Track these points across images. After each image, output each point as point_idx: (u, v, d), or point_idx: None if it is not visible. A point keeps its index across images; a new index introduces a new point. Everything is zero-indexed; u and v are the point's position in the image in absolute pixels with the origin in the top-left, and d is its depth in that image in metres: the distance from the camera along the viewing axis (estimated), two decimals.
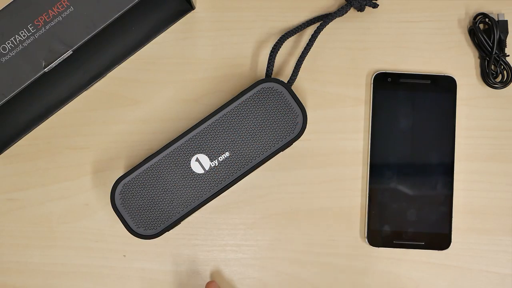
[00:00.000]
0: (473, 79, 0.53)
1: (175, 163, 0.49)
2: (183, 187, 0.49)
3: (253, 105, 0.49)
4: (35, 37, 0.44)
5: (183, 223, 0.49)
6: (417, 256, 0.52)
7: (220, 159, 0.49)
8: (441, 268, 0.52)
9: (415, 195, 0.51)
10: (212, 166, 0.49)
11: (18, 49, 0.44)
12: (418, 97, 0.52)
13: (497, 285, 0.51)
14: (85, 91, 0.53)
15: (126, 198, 0.49)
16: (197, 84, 0.53)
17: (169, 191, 0.49)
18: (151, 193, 0.49)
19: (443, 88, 0.52)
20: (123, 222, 0.48)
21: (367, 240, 0.51)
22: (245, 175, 0.49)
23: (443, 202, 0.51)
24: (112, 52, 0.52)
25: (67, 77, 0.52)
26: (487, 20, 0.52)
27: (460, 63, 0.53)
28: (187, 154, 0.49)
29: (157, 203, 0.49)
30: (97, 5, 0.45)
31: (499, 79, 0.52)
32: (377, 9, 0.53)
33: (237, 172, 0.49)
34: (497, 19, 0.52)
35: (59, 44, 0.44)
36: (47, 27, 0.45)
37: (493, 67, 0.52)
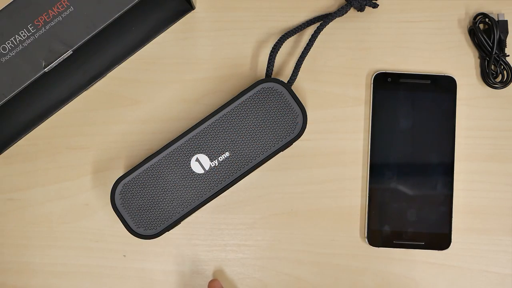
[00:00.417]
0: (473, 79, 0.53)
1: (175, 163, 0.49)
2: (183, 187, 0.49)
3: (253, 105, 0.49)
4: (35, 37, 0.44)
5: (183, 223, 0.49)
6: (417, 256, 0.52)
7: (220, 159, 0.49)
8: (441, 268, 0.52)
9: (415, 195, 0.51)
10: (212, 166, 0.49)
11: (18, 49, 0.44)
12: (418, 97, 0.52)
13: (497, 285, 0.51)
14: (85, 91, 0.53)
15: (126, 198, 0.49)
16: (197, 84, 0.53)
17: (169, 191, 0.49)
18: (151, 193, 0.49)
19: (443, 88, 0.52)
20: (123, 222, 0.48)
21: (367, 240, 0.51)
22: (245, 175, 0.49)
23: (443, 202, 0.51)
24: (112, 52, 0.52)
25: (67, 77, 0.52)
26: (487, 20, 0.52)
27: (460, 63, 0.53)
28: (187, 154, 0.49)
29: (157, 203, 0.49)
30: (97, 5, 0.45)
31: (499, 79, 0.52)
32: (377, 9, 0.53)
33: (237, 172, 0.49)
34: (497, 19, 0.52)
35: (59, 44, 0.44)
36: (47, 27, 0.44)
37: (493, 67, 0.52)
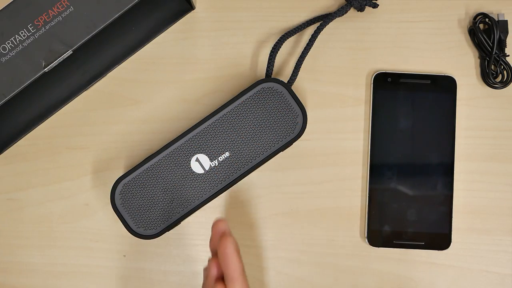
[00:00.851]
0: (473, 79, 0.53)
1: (175, 163, 0.49)
2: (183, 187, 0.49)
3: (253, 105, 0.49)
4: (35, 37, 0.44)
5: (183, 223, 0.49)
6: (417, 256, 0.52)
7: (220, 159, 0.49)
8: (441, 268, 0.52)
9: (415, 195, 0.51)
10: (212, 166, 0.49)
11: (18, 49, 0.44)
12: (418, 97, 0.52)
13: (497, 285, 0.51)
14: (85, 91, 0.53)
15: (126, 198, 0.49)
16: (197, 84, 0.53)
17: (169, 191, 0.49)
18: (151, 193, 0.49)
19: (443, 88, 0.52)
20: (123, 222, 0.48)
21: (367, 240, 0.51)
22: (245, 175, 0.49)
23: (443, 202, 0.51)
24: (112, 52, 0.52)
25: (67, 77, 0.52)
26: (487, 20, 0.52)
27: (460, 63, 0.53)
28: (187, 154, 0.49)
29: (157, 203, 0.49)
30: (97, 5, 0.45)
31: (499, 79, 0.52)
32: (377, 9, 0.53)
33: (237, 172, 0.49)
34: (497, 19, 0.52)
35: (59, 44, 0.44)
36: (47, 27, 0.45)
37: (493, 67, 0.52)
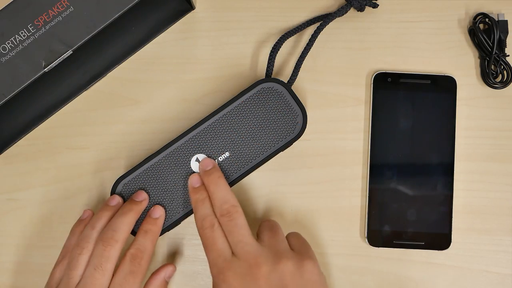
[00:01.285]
0: (473, 79, 0.53)
1: (175, 163, 0.49)
2: (183, 187, 0.49)
3: (253, 105, 0.49)
4: (35, 37, 0.44)
5: (183, 223, 0.49)
6: (417, 256, 0.52)
7: (220, 159, 0.49)
8: (441, 268, 0.52)
9: (415, 195, 0.51)
10: None
11: (18, 49, 0.44)
12: (418, 97, 0.52)
13: (497, 285, 0.51)
14: (85, 91, 0.53)
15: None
16: (197, 84, 0.53)
17: (169, 191, 0.49)
18: (151, 193, 0.49)
19: (443, 88, 0.52)
20: None
21: (367, 240, 0.51)
22: (245, 175, 0.49)
23: (443, 202, 0.51)
24: (112, 52, 0.52)
25: (67, 77, 0.52)
26: (487, 20, 0.52)
27: (460, 63, 0.53)
28: (187, 154, 0.49)
29: (157, 203, 0.49)
30: (97, 5, 0.45)
31: (499, 79, 0.52)
32: (377, 9, 0.53)
33: (237, 172, 0.49)
34: (497, 19, 0.52)
35: (59, 44, 0.44)
36: (47, 27, 0.45)
37: (493, 67, 0.52)
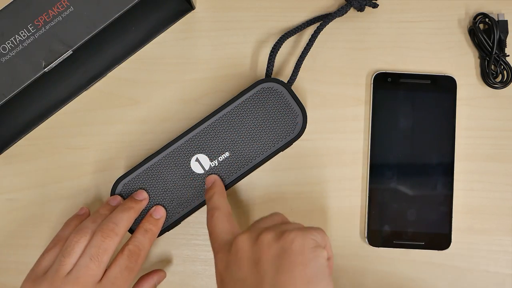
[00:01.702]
0: (473, 79, 0.53)
1: (175, 163, 0.49)
2: (183, 187, 0.49)
3: (253, 105, 0.49)
4: (35, 37, 0.44)
5: (183, 223, 0.49)
6: (417, 256, 0.52)
7: (220, 159, 0.49)
8: (441, 268, 0.52)
9: (415, 195, 0.51)
10: (212, 166, 0.49)
11: (18, 49, 0.44)
12: (418, 97, 0.52)
13: (497, 285, 0.51)
14: (85, 91, 0.53)
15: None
16: (197, 84, 0.53)
17: (169, 191, 0.49)
18: (150, 193, 0.49)
19: (443, 88, 0.52)
20: None
21: (367, 240, 0.51)
22: (245, 175, 0.49)
23: (443, 202, 0.51)
24: (112, 52, 0.52)
25: (67, 77, 0.52)
26: (487, 20, 0.52)
27: (460, 63, 0.53)
28: (187, 154, 0.49)
29: (157, 203, 0.49)
30: (97, 5, 0.45)
31: (499, 79, 0.52)
32: (377, 9, 0.53)
33: (237, 172, 0.49)
34: (497, 19, 0.52)
35: (59, 44, 0.44)
36: (47, 27, 0.45)
37: (493, 67, 0.52)
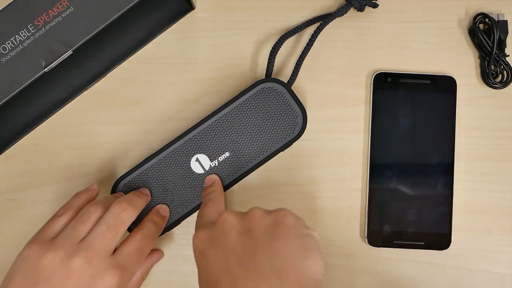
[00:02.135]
0: (473, 79, 0.53)
1: (175, 163, 0.49)
2: (183, 187, 0.49)
3: (253, 105, 0.49)
4: (35, 37, 0.44)
5: (183, 223, 0.49)
6: (417, 256, 0.52)
7: (220, 159, 0.49)
8: (441, 268, 0.52)
9: (415, 195, 0.51)
10: (212, 166, 0.49)
11: (18, 49, 0.44)
12: (418, 97, 0.52)
13: (497, 285, 0.51)
14: (85, 91, 0.53)
15: None
16: (197, 84, 0.53)
17: (169, 191, 0.49)
18: (151, 193, 0.49)
19: (443, 88, 0.52)
20: None
21: (367, 240, 0.51)
22: (245, 175, 0.49)
23: (443, 202, 0.51)
24: (112, 52, 0.52)
25: (67, 77, 0.52)
26: (487, 20, 0.52)
27: (460, 63, 0.53)
28: (187, 154, 0.49)
29: (157, 203, 0.49)
30: (97, 5, 0.45)
31: (499, 79, 0.52)
32: (377, 9, 0.53)
33: (237, 172, 0.49)
34: (497, 19, 0.52)
35: (59, 44, 0.44)
36: (47, 27, 0.45)
37: (493, 67, 0.52)
